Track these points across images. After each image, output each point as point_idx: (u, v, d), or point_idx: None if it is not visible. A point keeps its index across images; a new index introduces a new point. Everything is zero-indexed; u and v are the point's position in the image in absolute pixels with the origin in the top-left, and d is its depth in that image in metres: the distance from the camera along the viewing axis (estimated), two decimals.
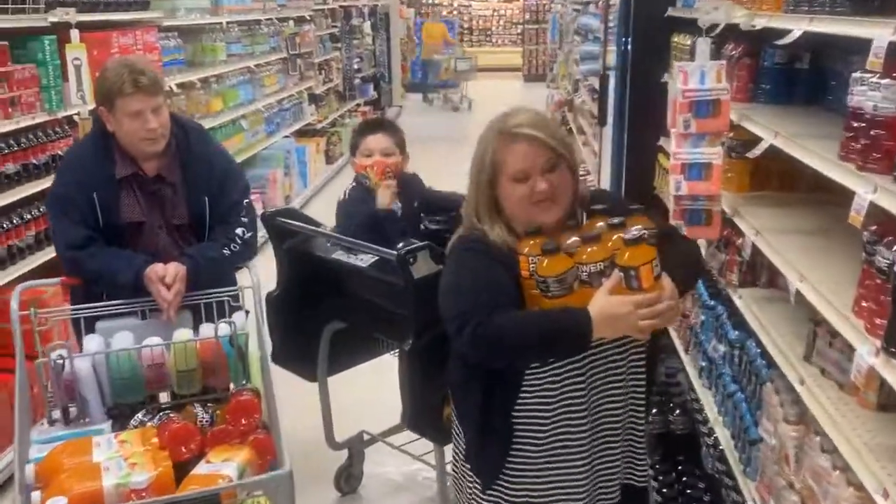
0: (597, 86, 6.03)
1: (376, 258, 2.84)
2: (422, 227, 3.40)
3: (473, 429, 2.09)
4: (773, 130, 2.46)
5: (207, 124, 5.51)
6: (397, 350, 2.90)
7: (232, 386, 2.55)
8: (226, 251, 2.79)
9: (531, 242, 1.93)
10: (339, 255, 3.00)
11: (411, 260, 2.63)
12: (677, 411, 3.47)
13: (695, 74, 2.69)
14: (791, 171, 2.94)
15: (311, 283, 3.16)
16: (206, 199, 2.81)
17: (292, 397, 3.46)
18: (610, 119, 5.27)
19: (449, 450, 2.48)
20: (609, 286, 1.83)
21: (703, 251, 2.67)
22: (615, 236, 1.87)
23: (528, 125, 1.96)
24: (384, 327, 3.09)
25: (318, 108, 9.85)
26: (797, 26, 2.32)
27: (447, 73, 15.48)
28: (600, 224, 1.94)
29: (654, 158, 4.07)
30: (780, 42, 2.47)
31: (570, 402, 1.98)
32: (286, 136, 8.23)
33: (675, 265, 1.94)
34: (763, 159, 2.84)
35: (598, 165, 6.13)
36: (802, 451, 2.17)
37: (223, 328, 2.46)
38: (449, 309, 1.97)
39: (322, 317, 3.27)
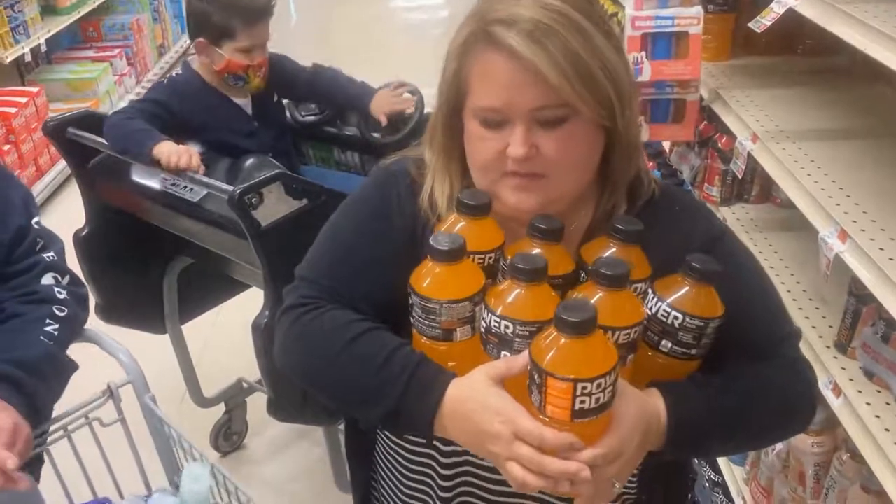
0: None
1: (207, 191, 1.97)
2: (290, 116, 2.54)
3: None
4: None
5: None
6: None
7: None
8: (50, 328, 1.44)
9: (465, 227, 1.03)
10: (163, 180, 2.11)
11: (253, 200, 1.79)
12: None
13: None
14: (789, 25, 2.12)
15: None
16: None
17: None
18: None
19: None
20: (502, 370, 0.94)
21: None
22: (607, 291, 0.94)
23: (523, 26, 0.97)
24: (242, 270, 2.28)
25: None
26: None
27: None
28: (608, 255, 1.00)
29: None
30: None
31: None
32: None
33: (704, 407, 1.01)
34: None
35: None
36: (828, 472, 1.51)
37: None
38: (309, 254, 1.19)
39: (161, 253, 2.43)
